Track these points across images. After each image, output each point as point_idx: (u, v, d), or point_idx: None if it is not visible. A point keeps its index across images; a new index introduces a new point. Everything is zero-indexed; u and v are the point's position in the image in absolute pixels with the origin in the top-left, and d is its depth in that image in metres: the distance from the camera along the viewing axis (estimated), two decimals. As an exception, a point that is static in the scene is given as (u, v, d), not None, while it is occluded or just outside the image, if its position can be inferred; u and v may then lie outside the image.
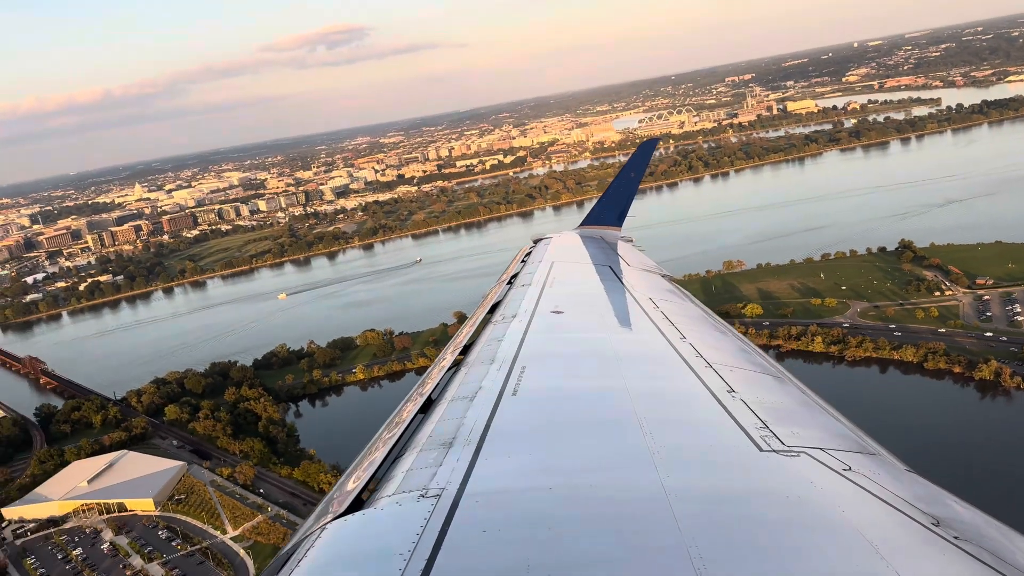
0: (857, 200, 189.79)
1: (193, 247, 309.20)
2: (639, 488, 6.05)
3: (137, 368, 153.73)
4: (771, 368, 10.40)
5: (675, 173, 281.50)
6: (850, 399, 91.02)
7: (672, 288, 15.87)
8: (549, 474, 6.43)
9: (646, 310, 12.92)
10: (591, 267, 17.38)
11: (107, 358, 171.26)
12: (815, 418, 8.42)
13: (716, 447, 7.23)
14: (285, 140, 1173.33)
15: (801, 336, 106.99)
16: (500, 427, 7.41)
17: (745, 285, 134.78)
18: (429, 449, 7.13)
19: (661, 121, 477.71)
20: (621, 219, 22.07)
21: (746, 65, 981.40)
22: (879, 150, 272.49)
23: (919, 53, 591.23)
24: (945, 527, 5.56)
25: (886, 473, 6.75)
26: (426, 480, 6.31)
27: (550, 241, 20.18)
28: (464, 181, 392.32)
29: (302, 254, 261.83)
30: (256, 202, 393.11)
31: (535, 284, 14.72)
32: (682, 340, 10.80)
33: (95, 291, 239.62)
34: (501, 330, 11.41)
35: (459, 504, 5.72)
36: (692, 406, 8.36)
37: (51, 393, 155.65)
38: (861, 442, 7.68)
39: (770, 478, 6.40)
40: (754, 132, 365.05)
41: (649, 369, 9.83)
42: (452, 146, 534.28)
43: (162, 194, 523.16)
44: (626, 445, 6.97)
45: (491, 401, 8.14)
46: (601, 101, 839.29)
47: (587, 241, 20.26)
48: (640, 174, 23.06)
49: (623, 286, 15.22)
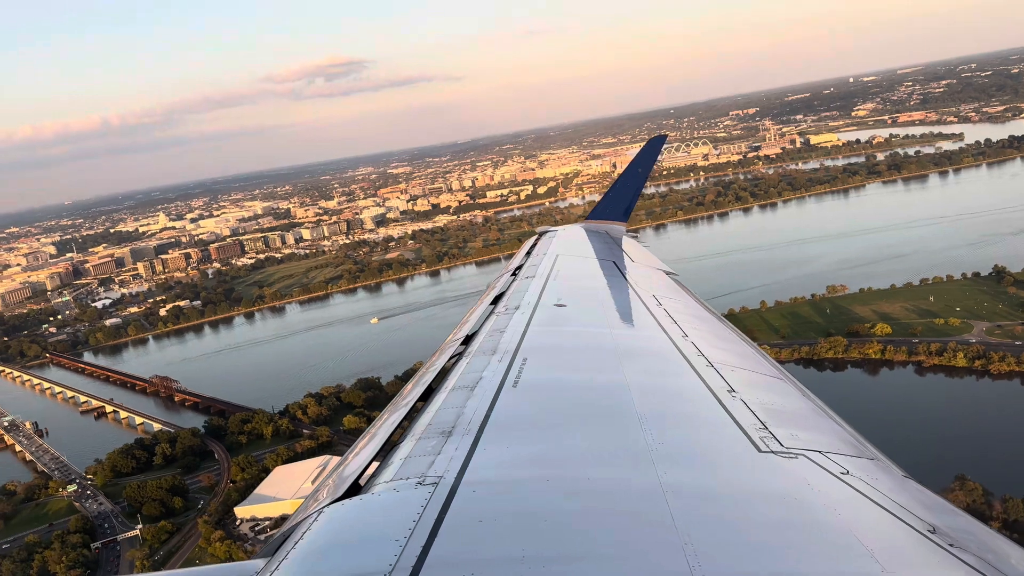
0: (926, 230, 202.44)
1: (253, 274, 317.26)
2: (636, 483, 6.13)
3: (269, 385, 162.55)
4: (773, 370, 10.52)
5: (724, 203, 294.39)
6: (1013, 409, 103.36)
7: (676, 286, 15.97)
8: (547, 466, 6.49)
9: (649, 306, 12.99)
10: (595, 261, 17.43)
11: (228, 377, 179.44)
12: (815, 421, 8.52)
13: (714, 446, 7.33)
14: (286, 169, 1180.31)
15: (942, 352, 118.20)
16: (500, 418, 7.45)
17: (858, 307, 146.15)
18: (428, 437, 7.13)
19: (681, 154, 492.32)
20: (627, 214, 21.85)
21: (744, 99, 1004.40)
22: (919, 183, 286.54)
23: (921, 89, 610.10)
24: (941, 535, 5.59)
25: (884, 478, 6.78)
26: (424, 468, 6.35)
27: (555, 234, 20.38)
28: (501, 211, 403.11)
29: (373, 280, 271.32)
30: (299, 231, 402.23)
31: (539, 276, 14.79)
32: (684, 338, 10.90)
33: (179, 316, 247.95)
34: (504, 321, 11.48)
35: (456, 492, 5.78)
36: (692, 404, 8.43)
37: (188, 409, 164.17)
38: (860, 447, 7.79)
39: (768, 478, 6.48)
40: (783, 164, 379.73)
41: (650, 365, 9.86)
42: (475, 176, 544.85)
43: (186, 222, 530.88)
44: (624, 440, 7.03)
45: (491, 392, 8.18)
46: (604, 133, 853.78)
47: (592, 236, 20.14)
48: (647, 170, 22.68)
49: (627, 282, 15.19)
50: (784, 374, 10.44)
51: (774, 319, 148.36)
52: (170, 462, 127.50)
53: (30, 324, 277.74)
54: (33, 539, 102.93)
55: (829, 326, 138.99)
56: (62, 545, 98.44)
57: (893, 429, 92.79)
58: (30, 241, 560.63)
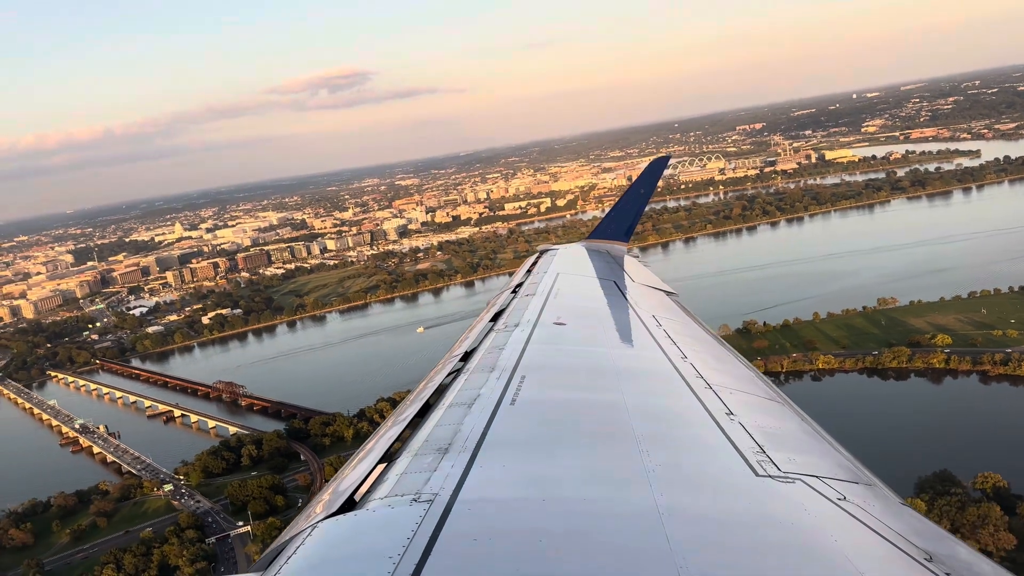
0: (962, 245, 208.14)
1: (286, 283, 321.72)
2: (632, 505, 6.12)
3: (333, 389, 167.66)
4: (772, 394, 10.54)
5: (752, 217, 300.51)
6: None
7: (676, 306, 16.02)
8: (543, 486, 6.48)
9: (648, 327, 13.03)
10: (596, 280, 17.44)
11: (289, 383, 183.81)
12: (813, 446, 8.55)
13: (712, 468, 7.32)
14: (290, 180, 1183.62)
15: (1007, 361, 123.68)
16: (497, 436, 7.44)
17: (912, 319, 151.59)
18: (424, 454, 7.11)
19: (695, 168, 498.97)
20: (628, 234, 21.88)
21: (748, 113, 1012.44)
22: (943, 199, 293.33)
23: (929, 106, 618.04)
24: (938, 563, 5.60)
25: (881, 505, 6.79)
26: (420, 484, 6.34)
27: (556, 253, 20.45)
28: (522, 223, 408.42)
29: (410, 290, 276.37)
30: (323, 241, 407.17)
31: (539, 294, 14.83)
32: (683, 359, 10.95)
33: (224, 323, 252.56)
34: (503, 339, 11.51)
35: (451, 510, 5.77)
36: (690, 426, 8.45)
37: (255, 414, 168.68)
38: (858, 472, 7.80)
39: (765, 503, 6.49)
40: (801, 179, 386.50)
41: (649, 386, 9.91)
42: (490, 188, 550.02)
43: (203, 232, 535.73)
44: (622, 461, 7.04)
45: (489, 409, 8.17)
46: (610, 146, 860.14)
47: (593, 255, 20.27)
48: (650, 191, 22.69)
49: (627, 301, 15.25)
50: (782, 397, 10.46)
51: (830, 330, 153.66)
52: (256, 463, 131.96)
53: (69, 331, 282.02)
54: (148, 534, 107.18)
55: (886, 337, 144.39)
56: (180, 540, 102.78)
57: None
58: (44, 249, 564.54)
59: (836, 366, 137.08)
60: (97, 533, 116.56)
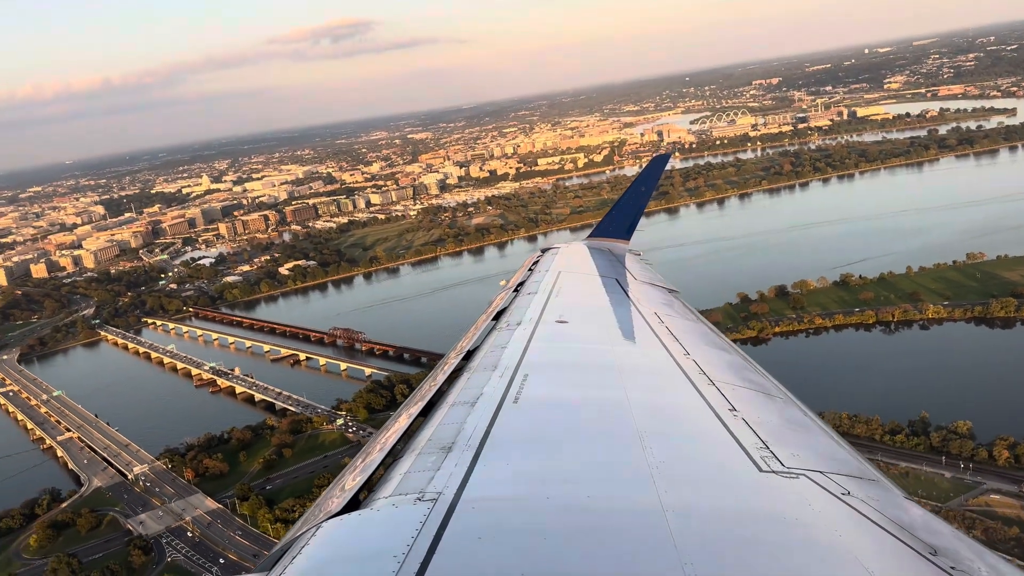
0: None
1: (344, 237, 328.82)
2: (636, 502, 6.16)
3: (444, 335, 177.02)
4: (775, 389, 10.58)
5: (804, 174, 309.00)
6: None
7: (678, 303, 16.15)
8: (547, 484, 6.51)
9: (651, 324, 13.13)
10: (598, 279, 17.51)
11: (395, 330, 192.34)
12: (816, 441, 8.56)
13: (715, 465, 7.38)
14: (292, 130, 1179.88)
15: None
16: (500, 434, 7.50)
17: (1005, 272, 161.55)
18: (428, 453, 7.19)
19: (724, 123, 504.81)
20: (630, 232, 21.99)
21: (760, 67, 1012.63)
22: (989, 157, 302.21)
23: (950, 62, 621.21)
24: (942, 557, 5.65)
25: (885, 499, 6.83)
26: (424, 483, 6.40)
27: (558, 251, 20.63)
28: (561, 178, 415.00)
29: (476, 243, 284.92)
30: (367, 195, 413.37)
31: (541, 292, 15.00)
32: (686, 356, 11.07)
33: (305, 274, 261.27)
34: (505, 337, 11.67)
35: (456, 509, 5.82)
36: (693, 422, 8.48)
37: (377, 358, 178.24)
38: (861, 467, 7.87)
39: (769, 499, 6.50)
40: (838, 136, 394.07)
41: (651, 383, 9.97)
42: (517, 143, 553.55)
43: (231, 185, 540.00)
44: (625, 458, 7.08)
45: (492, 408, 8.23)
46: (622, 100, 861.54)
47: (595, 253, 20.37)
48: (651, 189, 22.89)
49: (629, 299, 15.35)
50: (786, 392, 10.50)
51: (927, 283, 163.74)
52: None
53: (143, 280, 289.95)
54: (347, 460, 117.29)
55: (986, 289, 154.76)
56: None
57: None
58: (69, 200, 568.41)
59: (945, 316, 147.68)
60: (285, 463, 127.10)
